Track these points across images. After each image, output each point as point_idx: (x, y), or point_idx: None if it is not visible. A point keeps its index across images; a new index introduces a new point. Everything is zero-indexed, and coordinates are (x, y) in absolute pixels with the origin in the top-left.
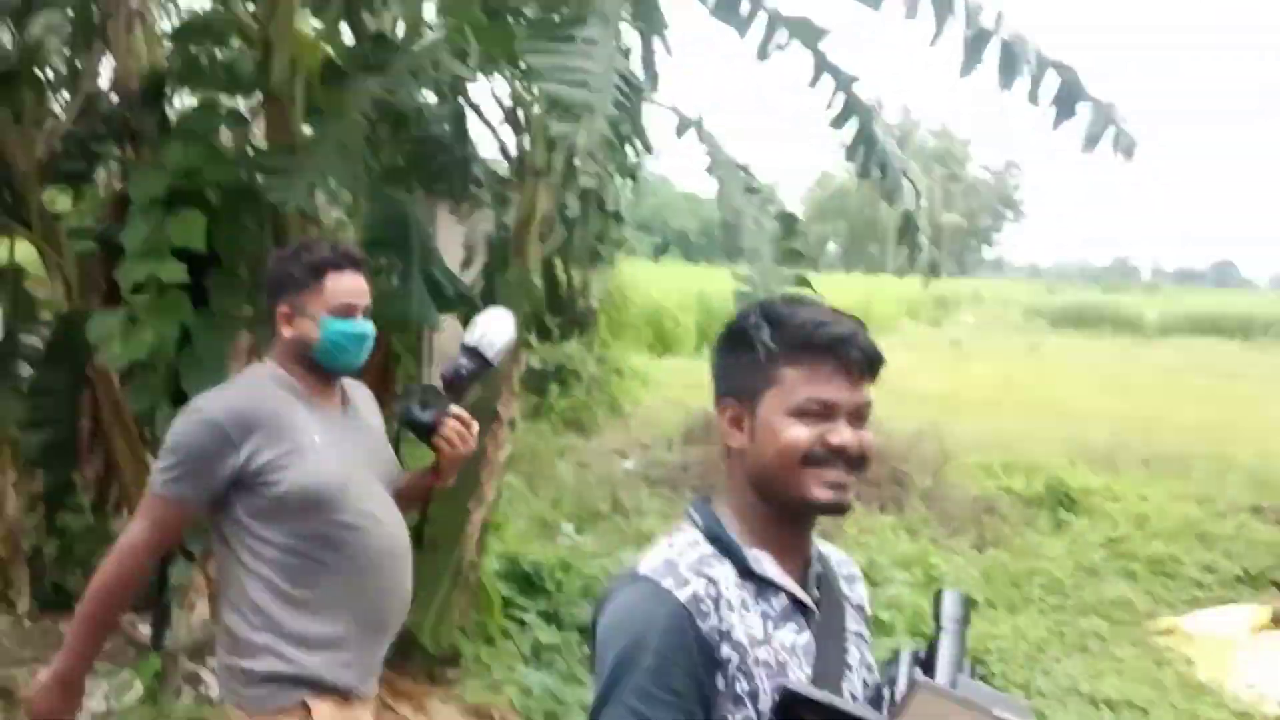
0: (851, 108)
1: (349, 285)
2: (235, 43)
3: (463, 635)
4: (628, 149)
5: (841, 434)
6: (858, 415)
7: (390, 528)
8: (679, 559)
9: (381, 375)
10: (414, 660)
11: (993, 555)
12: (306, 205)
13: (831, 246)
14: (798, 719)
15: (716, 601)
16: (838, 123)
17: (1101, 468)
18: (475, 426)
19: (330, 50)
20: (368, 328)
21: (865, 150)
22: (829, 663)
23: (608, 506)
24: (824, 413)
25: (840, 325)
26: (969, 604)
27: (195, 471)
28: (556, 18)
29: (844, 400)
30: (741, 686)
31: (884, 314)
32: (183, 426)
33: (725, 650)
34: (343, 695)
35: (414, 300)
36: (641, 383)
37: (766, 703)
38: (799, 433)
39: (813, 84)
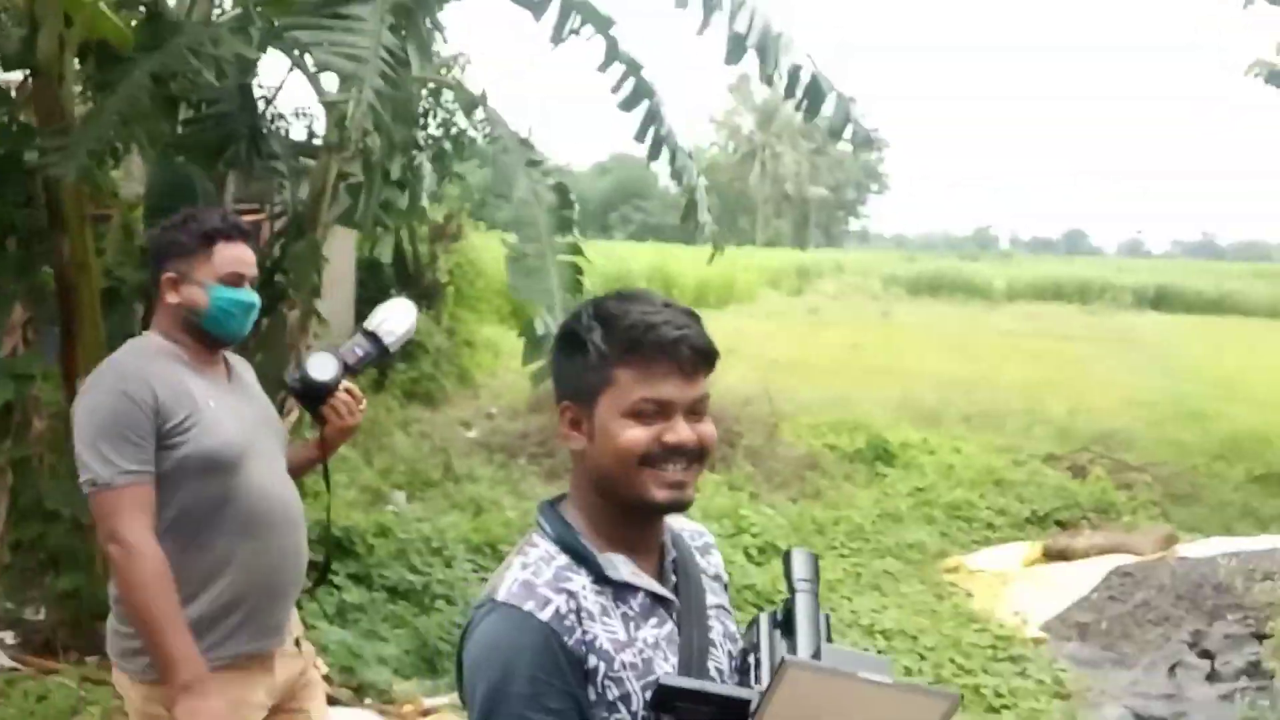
0: (640, 92)
1: (238, 254)
2: (2, 17)
3: None
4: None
5: (678, 432)
6: (694, 410)
7: (285, 490)
8: (535, 579)
9: None
10: None
11: (805, 507)
12: (95, 176)
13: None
14: (672, 709)
15: (578, 614)
16: (627, 105)
17: (925, 424)
18: (364, 402)
19: (114, 22)
20: (255, 297)
21: (654, 132)
22: (693, 648)
23: (439, 474)
24: (659, 412)
25: (671, 326)
26: (817, 561)
27: (136, 441)
28: None
29: (679, 398)
30: (612, 693)
31: (746, 284)
32: (94, 411)
33: (592, 660)
34: (226, 662)
35: None
36: (493, 354)
37: (638, 703)
38: (635, 434)
39: (603, 69)
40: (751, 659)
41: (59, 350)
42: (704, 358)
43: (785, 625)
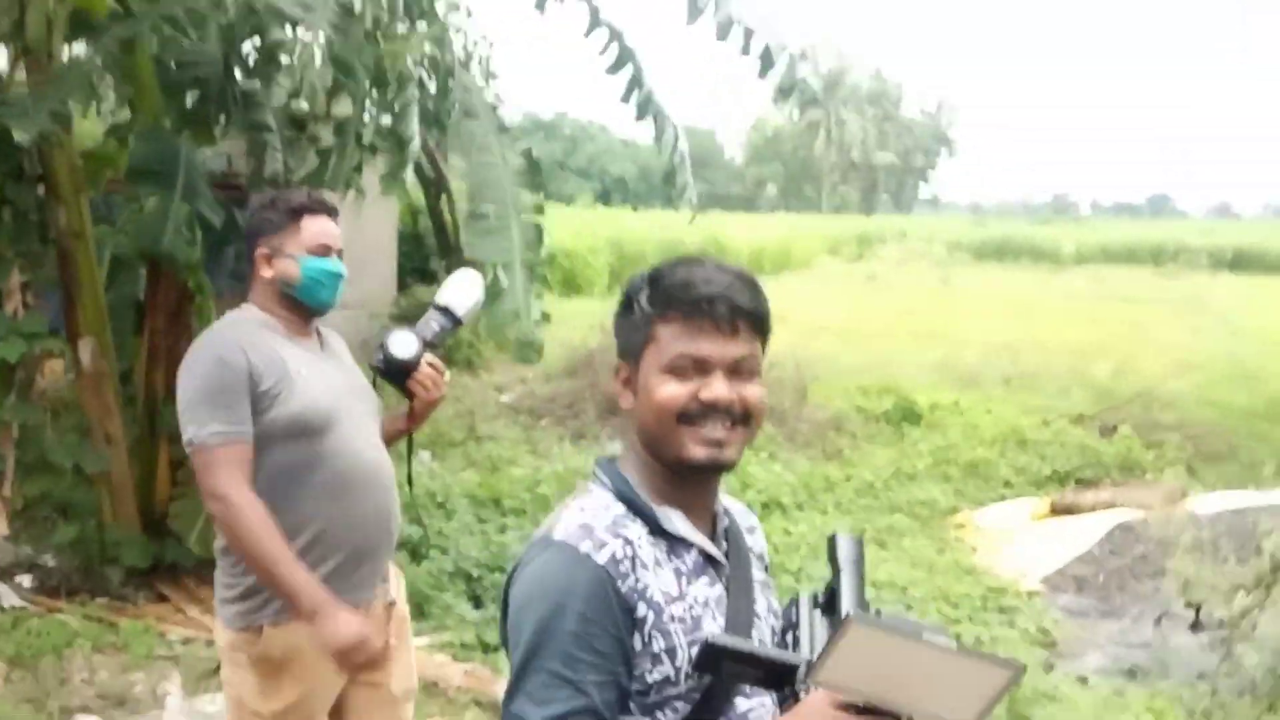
0: (624, 57)
1: (324, 227)
2: None
3: None
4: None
5: (713, 389)
6: (736, 369)
7: (375, 453)
8: (594, 521)
9: (174, 316)
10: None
11: (817, 465)
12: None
13: (771, 189)
14: (718, 668)
15: (633, 561)
16: (613, 69)
17: (964, 386)
18: (447, 374)
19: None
20: (341, 267)
21: (639, 95)
22: (740, 612)
23: (463, 435)
24: (697, 368)
25: (711, 284)
26: (862, 544)
27: (232, 403)
28: None
29: (716, 354)
30: (658, 644)
31: (804, 251)
32: (194, 375)
33: (642, 609)
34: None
35: (168, 230)
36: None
37: (683, 658)
38: (671, 390)
39: (587, 34)
40: (790, 637)
41: (61, 313)
42: (745, 317)
43: (828, 606)
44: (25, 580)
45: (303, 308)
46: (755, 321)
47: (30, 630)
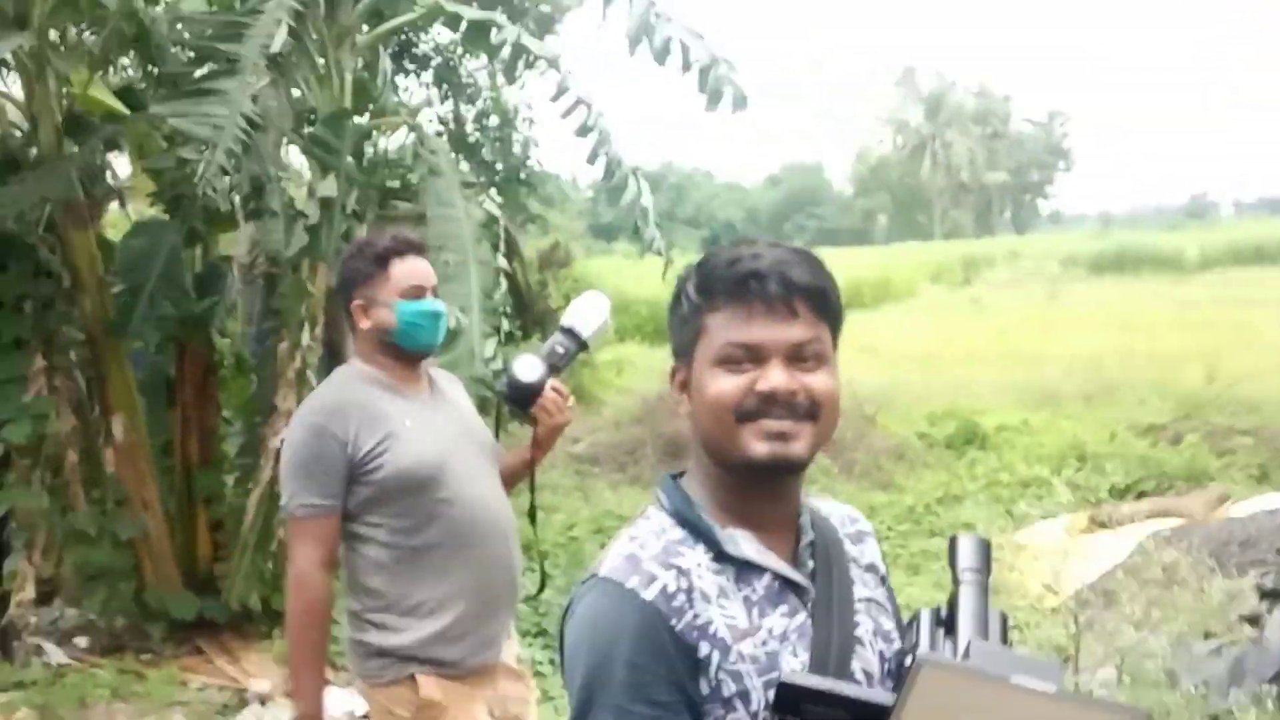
0: (588, 123)
1: (414, 268)
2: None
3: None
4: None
5: (771, 378)
6: (797, 355)
7: (492, 503)
8: (641, 552)
9: (201, 389)
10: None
11: (859, 493)
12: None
13: (882, 220)
14: (798, 711)
15: (690, 594)
16: (580, 133)
17: (1041, 405)
18: (571, 399)
19: (105, 103)
20: (440, 305)
21: (605, 155)
22: (830, 643)
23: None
24: (751, 357)
25: (760, 258)
26: (988, 549)
27: (320, 476)
28: (203, 71)
29: (771, 340)
30: (728, 688)
31: (905, 280)
32: (291, 443)
33: (705, 648)
34: (452, 669)
35: (135, 318)
36: (616, 371)
37: (759, 701)
38: (723, 384)
39: (554, 99)
40: (909, 660)
41: (97, 394)
42: (804, 294)
43: (948, 621)
44: (82, 641)
45: (405, 353)
46: (817, 300)
47: (64, 684)
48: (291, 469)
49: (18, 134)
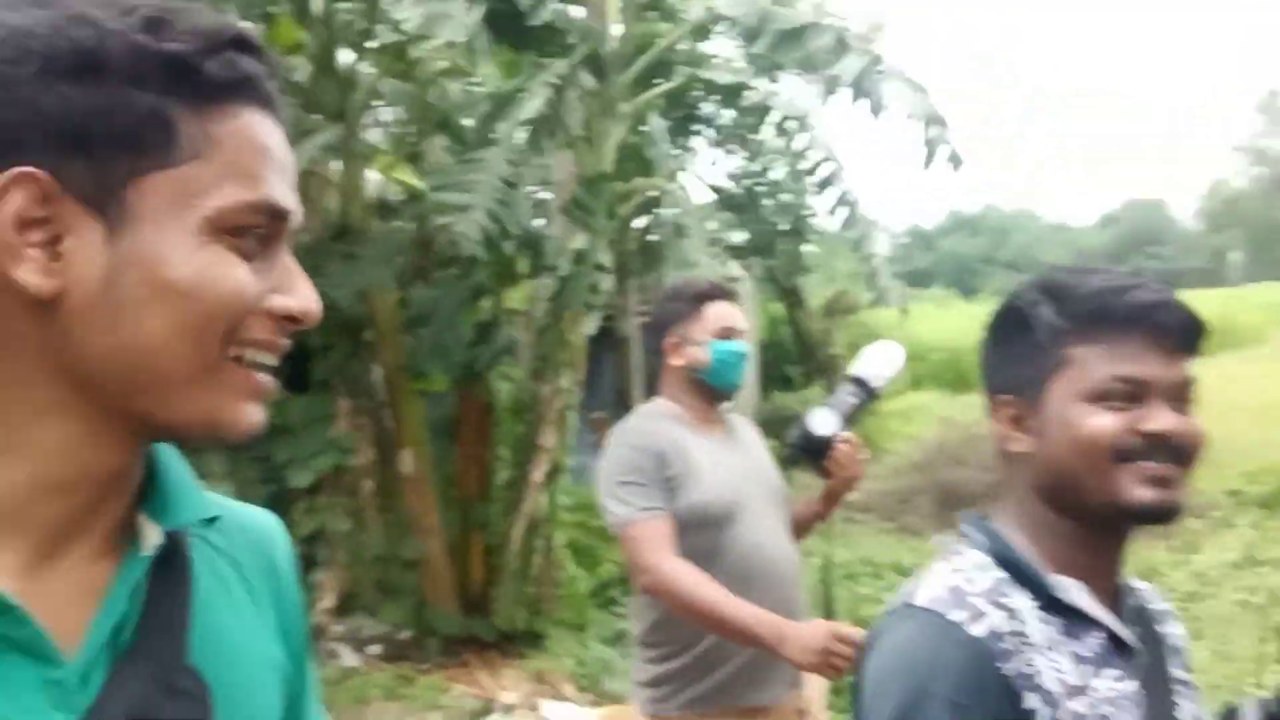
0: (832, 177)
1: (726, 311)
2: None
3: (544, 619)
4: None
5: (1159, 419)
6: (1178, 397)
7: (780, 549)
8: (967, 585)
9: (478, 429)
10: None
11: (1149, 553)
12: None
13: (1235, 257)
14: None
15: (1020, 638)
16: (820, 187)
17: None
18: (864, 451)
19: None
20: (746, 347)
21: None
22: (1161, 717)
23: None
24: (1134, 394)
25: (1147, 290)
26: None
27: (647, 486)
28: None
29: (1157, 378)
30: None
31: (1252, 325)
32: (608, 466)
33: (1032, 700)
34: (730, 708)
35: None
36: (904, 420)
37: None
38: (1103, 421)
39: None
40: None
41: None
42: (1189, 330)
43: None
44: (375, 649)
45: (711, 391)
46: (1197, 339)
47: (348, 685)
48: (615, 484)
49: (330, 211)
